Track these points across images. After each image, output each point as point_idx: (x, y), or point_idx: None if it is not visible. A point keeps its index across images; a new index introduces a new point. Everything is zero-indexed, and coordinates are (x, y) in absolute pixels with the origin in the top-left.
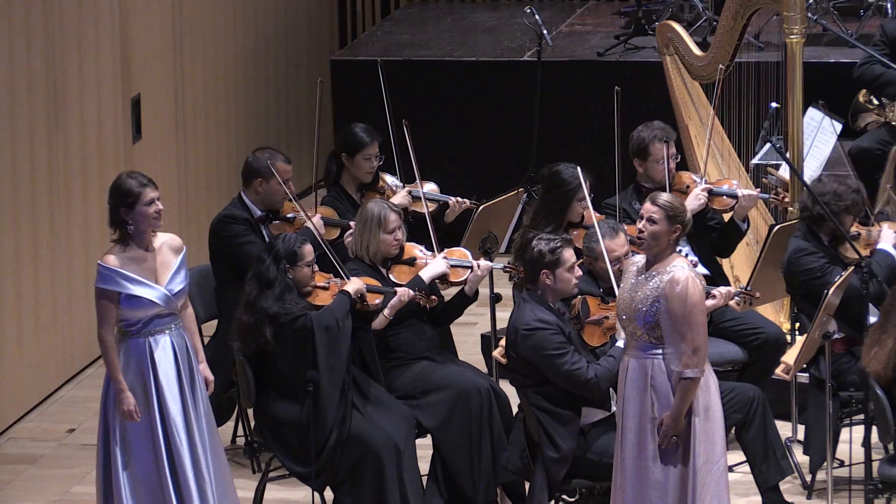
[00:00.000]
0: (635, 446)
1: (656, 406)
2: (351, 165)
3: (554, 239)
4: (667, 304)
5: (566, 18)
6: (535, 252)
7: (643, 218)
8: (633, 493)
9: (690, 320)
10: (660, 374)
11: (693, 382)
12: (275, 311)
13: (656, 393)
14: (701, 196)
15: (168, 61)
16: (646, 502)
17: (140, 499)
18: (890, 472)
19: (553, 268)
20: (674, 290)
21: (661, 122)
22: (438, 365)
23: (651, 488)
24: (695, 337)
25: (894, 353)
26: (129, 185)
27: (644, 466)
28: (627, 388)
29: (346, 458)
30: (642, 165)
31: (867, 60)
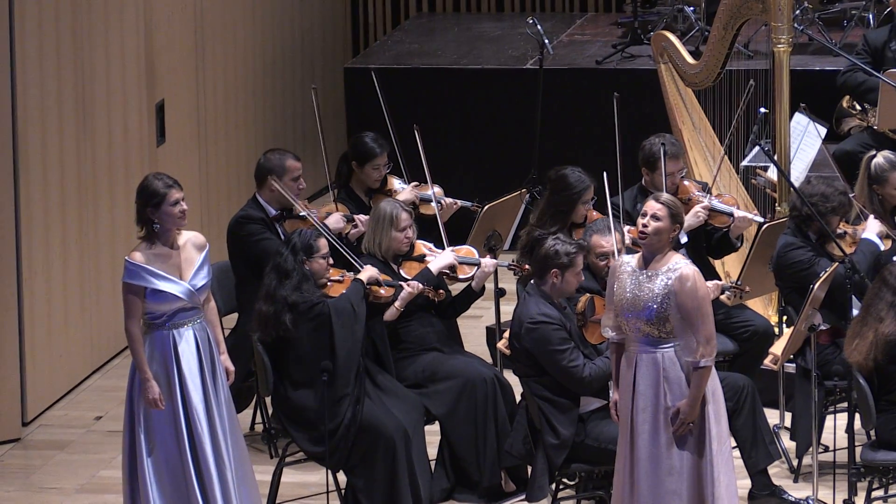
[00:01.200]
0: (650, 437)
1: (669, 396)
2: (360, 173)
3: (572, 243)
4: (677, 299)
5: (566, 29)
6: (551, 250)
7: (647, 215)
8: (648, 482)
9: (702, 312)
10: (671, 365)
11: (707, 371)
12: (294, 300)
13: (668, 384)
14: (701, 214)
15: (190, 70)
16: (662, 491)
17: (163, 483)
18: (872, 458)
19: (564, 269)
20: (684, 286)
21: (673, 138)
22: (446, 356)
23: (668, 475)
24: (707, 327)
25: (874, 344)
26: (155, 185)
27: (658, 455)
28: (639, 382)
29: (359, 443)
30: (650, 175)
31: (850, 68)
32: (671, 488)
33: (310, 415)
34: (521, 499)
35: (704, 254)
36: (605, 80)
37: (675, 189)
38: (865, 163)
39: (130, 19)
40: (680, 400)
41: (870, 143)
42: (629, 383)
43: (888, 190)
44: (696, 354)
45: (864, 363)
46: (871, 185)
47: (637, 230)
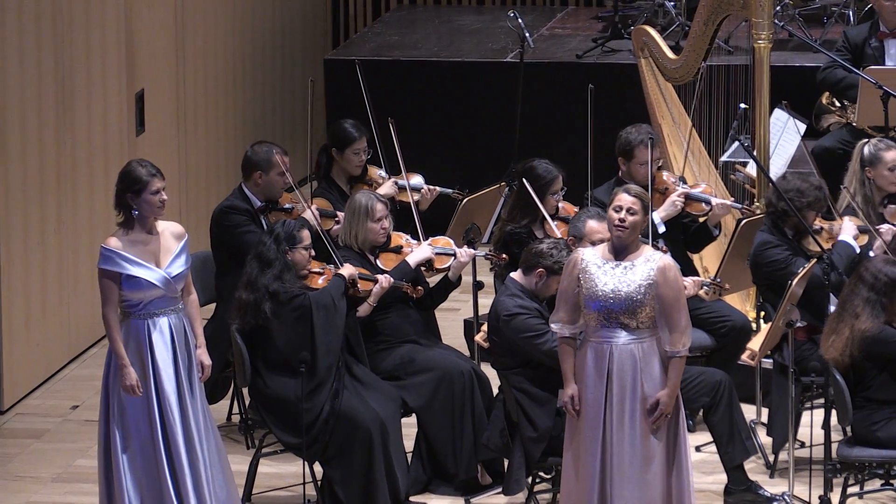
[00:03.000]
0: (629, 428)
1: (646, 386)
2: (341, 159)
3: (564, 251)
4: (659, 290)
5: (547, 22)
6: (546, 251)
7: (622, 209)
8: (627, 473)
9: (681, 302)
10: (648, 355)
11: (684, 359)
12: (275, 289)
13: (645, 374)
14: (678, 202)
15: (170, 59)
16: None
17: (137, 472)
18: (848, 454)
19: (549, 273)
20: (667, 277)
21: (649, 127)
22: (423, 348)
23: (646, 464)
24: (686, 316)
25: (850, 341)
26: (138, 172)
27: (637, 445)
28: (614, 373)
29: (336, 434)
30: (626, 165)
31: (830, 65)
32: (648, 478)
33: (287, 406)
34: (497, 492)
35: (683, 248)
36: (586, 74)
37: (651, 179)
38: (859, 148)
39: (111, 8)
40: (656, 389)
41: (849, 139)
42: (602, 375)
43: (881, 171)
44: (678, 344)
45: (841, 359)
46: (864, 167)
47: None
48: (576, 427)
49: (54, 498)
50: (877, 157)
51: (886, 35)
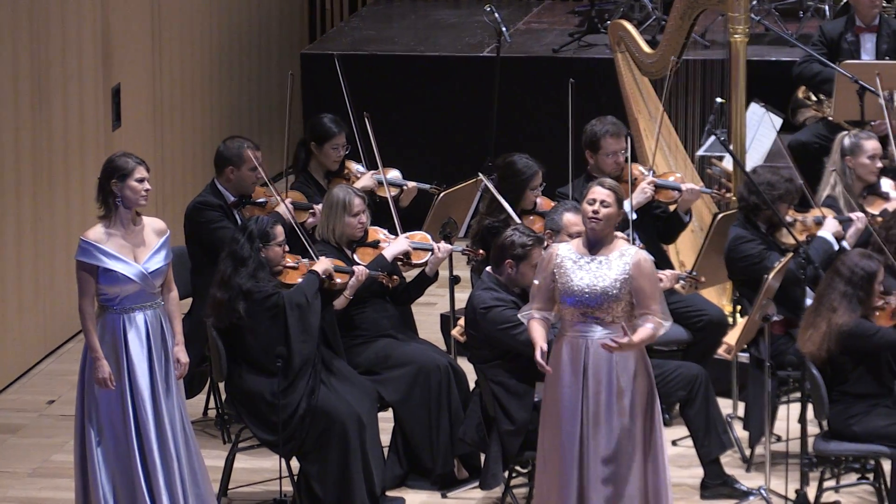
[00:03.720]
0: (605, 421)
1: (622, 380)
2: (319, 154)
3: (529, 235)
4: (635, 283)
5: (523, 17)
6: (507, 241)
7: (595, 201)
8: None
9: (658, 293)
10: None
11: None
12: (248, 288)
13: (622, 368)
14: (647, 189)
15: (147, 53)
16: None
17: (112, 468)
18: (824, 448)
19: (519, 261)
20: (643, 270)
21: (614, 118)
22: (400, 342)
23: (622, 457)
24: (663, 301)
25: (827, 335)
26: (124, 160)
27: (613, 438)
28: (590, 367)
29: (312, 429)
30: (593, 157)
31: (806, 59)
32: (625, 472)
33: (263, 403)
34: (473, 486)
35: (657, 241)
36: (562, 68)
37: (619, 169)
38: (839, 138)
39: (87, 3)
40: (631, 382)
41: (825, 133)
42: (578, 370)
43: (861, 159)
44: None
45: (818, 354)
46: (845, 156)
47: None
48: (552, 422)
49: (30, 493)
50: (857, 146)
51: (862, 29)
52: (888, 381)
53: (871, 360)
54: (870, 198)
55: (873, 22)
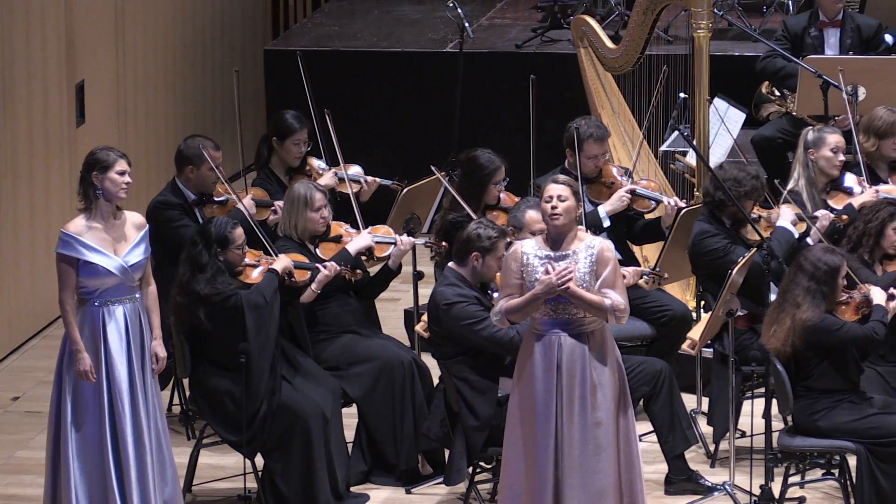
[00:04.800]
0: (579, 417)
1: (595, 373)
2: (280, 149)
3: (494, 228)
4: (604, 271)
5: (486, 12)
6: (472, 234)
7: (553, 198)
8: (578, 462)
9: (620, 278)
10: (599, 344)
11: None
12: (206, 293)
13: (595, 363)
14: (625, 198)
15: (110, 50)
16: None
17: (85, 463)
18: (789, 443)
19: (485, 253)
20: (607, 257)
21: (599, 121)
22: (364, 338)
23: (595, 454)
24: (625, 294)
25: (792, 330)
26: (105, 153)
27: (587, 434)
28: (565, 363)
29: (275, 426)
30: (573, 156)
31: (770, 54)
32: (600, 466)
33: (226, 402)
34: (438, 482)
35: (625, 239)
36: (525, 63)
37: (598, 172)
38: (804, 134)
39: (51, 0)
40: (605, 371)
41: (788, 128)
42: (551, 367)
43: (824, 152)
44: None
45: (782, 349)
46: (808, 150)
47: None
48: (524, 418)
49: None
50: (820, 139)
51: (826, 24)
52: (853, 377)
53: (836, 355)
54: (833, 193)
55: (836, 17)
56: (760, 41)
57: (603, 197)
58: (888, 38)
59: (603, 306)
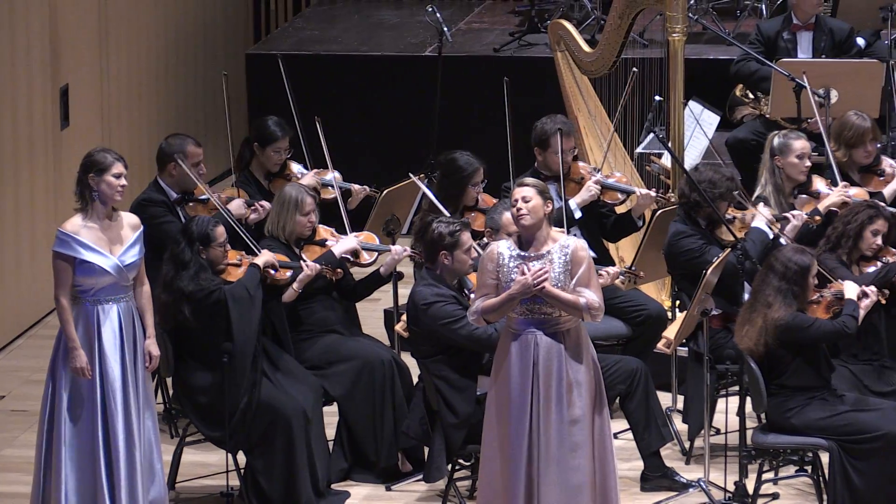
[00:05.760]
0: (556, 414)
1: (571, 371)
2: (261, 155)
3: (453, 222)
4: (579, 270)
5: (465, 17)
6: (435, 234)
7: (518, 200)
8: (554, 459)
9: (595, 277)
10: (575, 342)
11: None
12: (191, 290)
13: (571, 361)
14: (593, 188)
15: (94, 54)
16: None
17: (75, 459)
18: (762, 440)
19: (452, 249)
20: (581, 256)
21: (564, 117)
22: (345, 338)
23: (571, 451)
24: (600, 293)
25: (764, 330)
26: (102, 155)
27: (563, 431)
28: (542, 362)
29: (257, 423)
30: (542, 154)
31: (744, 57)
32: (576, 463)
33: (208, 399)
34: (417, 479)
35: (600, 238)
36: (503, 67)
37: (567, 169)
38: (770, 138)
39: (35, 4)
40: (581, 369)
41: (762, 130)
42: (527, 365)
43: (790, 158)
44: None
45: (755, 348)
46: (774, 156)
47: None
48: (500, 417)
49: None
50: (786, 146)
51: (799, 27)
52: (825, 374)
53: (808, 353)
54: (801, 197)
55: (810, 20)
56: (734, 45)
57: (573, 194)
58: (860, 41)
59: (578, 305)
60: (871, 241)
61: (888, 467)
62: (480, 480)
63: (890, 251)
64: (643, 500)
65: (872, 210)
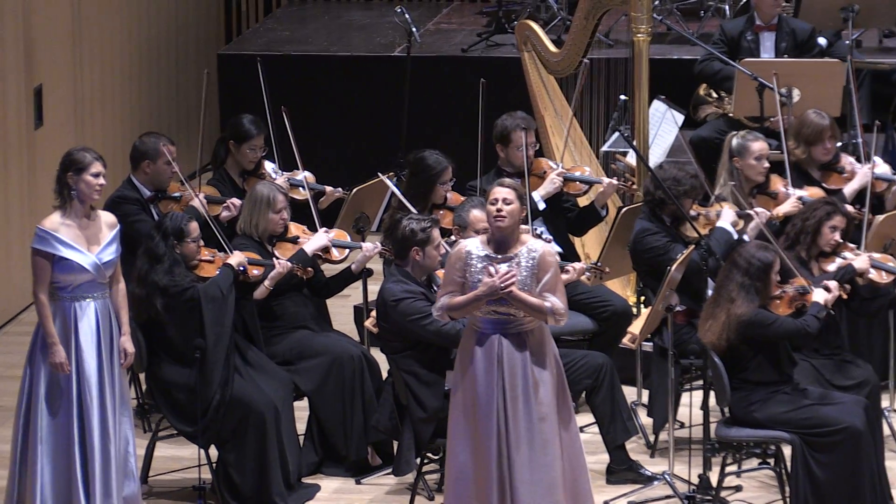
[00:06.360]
0: (524, 413)
1: (536, 370)
2: (237, 153)
3: (424, 219)
4: (541, 275)
5: (433, 17)
6: (406, 231)
7: (498, 201)
8: (525, 458)
9: (560, 283)
10: (539, 341)
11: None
12: (165, 284)
13: (535, 359)
14: (556, 180)
15: (67, 55)
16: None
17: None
18: (726, 434)
19: (423, 245)
20: (549, 262)
21: (524, 113)
22: (315, 334)
23: (542, 448)
24: (564, 298)
25: (726, 325)
26: (81, 154)
27: (532, 430)
28: (506, 361)
29: (229, 418)
30: (504, 151)
31: (707, 57)
32: (548, 460)
33: (181, 394)
34: (386, 472)
35: (566, 233)
36: (471, 67)
37: (529, 163)
38: (728, 139)
39: (9, 4)
40: (545, 368)
41: (725, 129)
42: (493, 364)
43: (748, 161)
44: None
45: (718, 343)
46: (732, 157)
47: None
48: (466, 415)
49: None
50: (744, 148)
51: (762, 28)
52: (787, 369)
53: (770, 348)
54: (760, 197)
55: (772, 21)
56: (698, 45)
57: (536, 188)
58: (822, 41)
59: (543, 309)
60: (830, 237)
61: (849, 460)
62: (447, 474)
63: (848, 247)
64: (609, 492)
65: (830, 206)
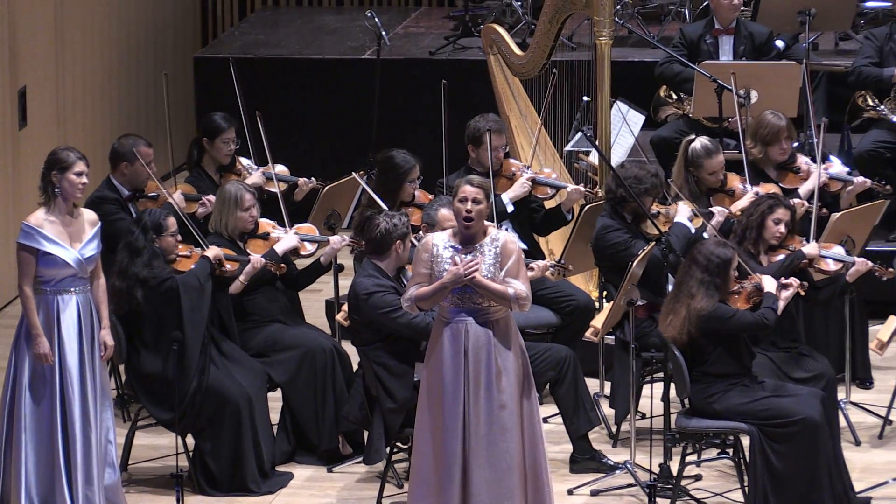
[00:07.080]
0: (485, 400)
1: (500, 358)
2: (211, 148)
3: (399, 214)
4: (508, 262)
5: (402, 21)
6: (388, 227)
7: (467, 200)
8: (483, 444)
9: (523, 269)
10: (504, 331)
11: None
12: (145, 276)
13: (500, 349)
14: (526, 184)
15: (51, 57)
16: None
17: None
18: (686, 424)
19: (405, 238)
20: (510, 249)
21: (496, 115)
22: (288, 327)
23: (501, 435)
24: (527, 284)
25: (687, 320)
26: (66, 153)
27: (492, 416)
28: (472, 350)
29: (205, 408)
30: (475, 151)
31: (667, 60)
32: (505, 446)
33: (159, 384)
34: (357, 461)
35: (530, 232)
36: (439, 69)
37: (499, 164)
38: (684, 147)
39: None
40: (509, 356)
41: (685, 129)
42: (459, 353)
43: (703, 174)
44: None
45: (679, 338)
46: (688, 167)
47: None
48: (433, 402)
49: None
50: (699, 164)
51: (720, 32)
52: (745, 362)
53: (729, 341)
54: (717, 195)
55: (731, 24)
56: (659, 48)
57: (504, 189)
58: (779, 43)
59: (506, 295)
60: (774, 230)
61: (806, 450)
62: (413, 461)
63: (795, 239)
64: (572, 481)
65: (772, 200)
